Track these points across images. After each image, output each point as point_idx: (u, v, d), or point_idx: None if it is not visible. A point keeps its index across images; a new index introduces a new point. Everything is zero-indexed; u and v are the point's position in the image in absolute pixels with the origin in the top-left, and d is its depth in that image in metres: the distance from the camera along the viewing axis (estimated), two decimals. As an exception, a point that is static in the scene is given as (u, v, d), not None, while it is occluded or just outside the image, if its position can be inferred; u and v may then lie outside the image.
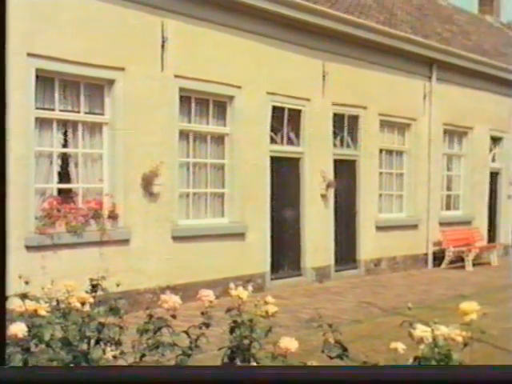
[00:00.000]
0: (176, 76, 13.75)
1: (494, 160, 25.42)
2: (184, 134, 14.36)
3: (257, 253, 15.58)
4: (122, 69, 12.74)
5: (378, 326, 11.40)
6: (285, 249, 16.61)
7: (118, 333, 4.18)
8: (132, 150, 12.93)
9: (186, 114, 14.43)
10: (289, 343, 3.51)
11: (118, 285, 4.42)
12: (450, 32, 25.33)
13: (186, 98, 14.25)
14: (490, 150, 25.12)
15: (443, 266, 21.24)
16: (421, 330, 3.38)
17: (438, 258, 21.40)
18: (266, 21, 15.42)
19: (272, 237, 16.07)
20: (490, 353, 9.72)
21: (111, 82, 12.78)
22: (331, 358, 3.59)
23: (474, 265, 21.39)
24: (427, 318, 3.66)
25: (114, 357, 4.12)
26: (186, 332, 4.03)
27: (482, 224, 24.22)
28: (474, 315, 3.44)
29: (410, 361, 3.36)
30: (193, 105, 14.53)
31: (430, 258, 21.35)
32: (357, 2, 20.13)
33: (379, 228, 19.40)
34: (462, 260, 21.37)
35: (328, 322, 3.65)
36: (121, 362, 4.10)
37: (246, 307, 3.84)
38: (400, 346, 3.47)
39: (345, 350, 3.60)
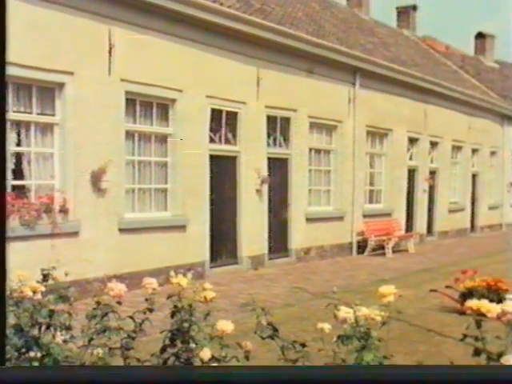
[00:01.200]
0: (122, 80, 13.62)
1: (411, 158, 25.82)
2: (130, 134, 14.24)
3: (197, 243, 15.54)
4: (72, 73, 12.56)
5: (307, 308, 11.46)
6: (223, 239, 16.61)
7: (68, 319, 4.12)
8: (81, 149, 12.77)
9: (132, 116, 14.31)
10: (225, 325, 3.51)
11: (66, 274, 4.36)
12: (372, 43, 25.62)
13: (131, 101, 14.13)
14: (408, 150, 25.52)
15: (366, 253, 21.50)
16: (344, 312, 3.40)
17: (362, 246, 21.65)
18: (205, 30, 15.38)
19: (211, 229, 16.05)
20: (407, 330, 9.90)
21: (61, 86, 12.59)
22: (263, 338, 3.59)
23: (393, 252, 21.71)
24: (351, 300, 3.69)
25: (64, 341, 4.07)
26: (131, 317, 4.00)
27: (400, 215, 24.60)
28: (392, 297, 3.48)
29: (334, 339, 3.39)
30: (138, 107, 14.41)
31: (355, 246, 21.59)
32: (288, 15, 20.22)
33: (309, 220, 19.53)
34: (383, 248, 21.67)
35: (261, 306, 3.66)
36: (70, 346, 4.05)
37: (187, 293, 3.83)
38: (326, 326, 3.49)
39: (275, 330, 3.61)
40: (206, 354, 3.47)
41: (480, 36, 39.83)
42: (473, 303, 3.33)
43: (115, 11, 13.39)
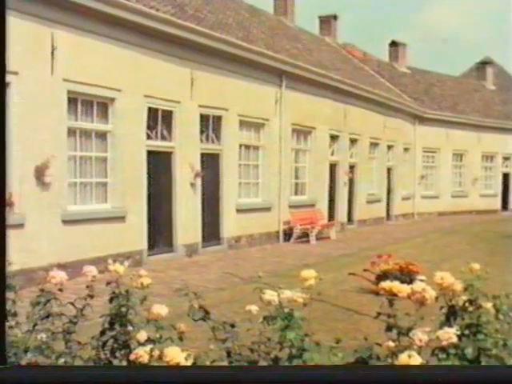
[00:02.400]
0: (64, 80, 13.39)
1: (332, 154, 26.10)
2: (72, 131, 14.01)
3: (135, 233, 15.43)
4: (16, 73, 12.27)
5: (238, 292, 11.50)
6: (160, 229, 16.51)
7: (13, 306, 4.05)
8: (25, 145, 12.50)
9: (74, 114, 14.07)
10: (159, 309, 3.50)
11: (10, 263, 4.27)
12: (297, 49, 25.76)
13: (73, 100, 13.90)
14: (329, 146, 25.79)
15: (292, 240, 21.67)
16: (269, 295, 3.43)
17: (288, 234, 21.81)
18: (142, 34, 15.26)
19: (149, 219, 15.94)
20: (328, 310, 10.02)
21: (6, 85, 12.28)
22: (195, 320, 3.60)
23: (316, 239, 21.94)
24: (278, 284, 3.71)
25: (10, 327, 3.99)
26: (72, 303, 3.96)
27: (323, 206, 24.87)
28: (312, 281, 3.52)
29: (261, 319, 3.41)
30: (79, 105, 14.19)
31: (281, 234, 21.73)
32: (220, 21, 20.17)
33: (239, 211, 19.56)
34: (307, 235, 21.87)
35: (194, 291, 3.66)
36: (16, 332, 3.98)
37: (125, 280, 3.81)
38: (253, 308, 3.51)
39: (207, 313, 3.61)
40: (142, 336, 3.45)
41: (393, 44, 40.46)
42: (385, 284, 3.40)
43: (58, 15, 13.14)
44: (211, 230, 18.50)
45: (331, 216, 25.66)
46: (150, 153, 15.97)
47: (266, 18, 27.75)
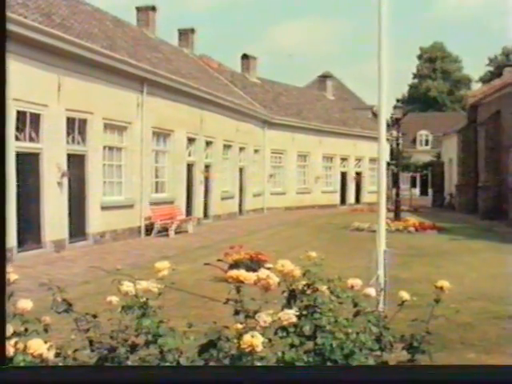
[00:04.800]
0: None
1: (189, 155, 26.13)
2: None
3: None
4: None
5: (102, 284, 11.24)
6: (29, 227, 15.86)
7: None
8: None
9: None
10: (24, 304, 3.41)
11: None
12: (157, 58, 25.59)
13: None
14: (187, 148, 25.81)
15: (153, 235, 21.50)
16: (126, 286, 3.42)
17: (149, 229, 21.63)
18: (11, 40, 14.43)
19: (18, 217, 15.27)
20: (185, 298, 10.05)
21: None
22: (58, 313, 3.52)
23: (175, 233, 21.92)
24: (139, 275, 3.71)
25: None
26: None
27: (181, 203, 24.86)
28: (166, 271, 3.54)
29: (119, 309, 3.40)
30: None
31: (143, 229, 21.51)
32: (85, 30, 19.68)
33: (104, 208, 19.19)
34: (167, 230, 21.79)
35: (61, 285, 3.59)
36: None
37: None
38: (114, 299, 3.49)
39: (70, 305, 3.55)
40: (8, 329, 3.34)
41: (245, 57, 41.07)
42: (233, 273, 3.48)
43: None
44: (78, 226, 18.02)
45: (189, 212, 25.67)
46: (18, 154, 15.30)
47: (129, 29, 27.35)
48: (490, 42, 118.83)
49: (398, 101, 37.82)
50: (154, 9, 30.73)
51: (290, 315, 3.39)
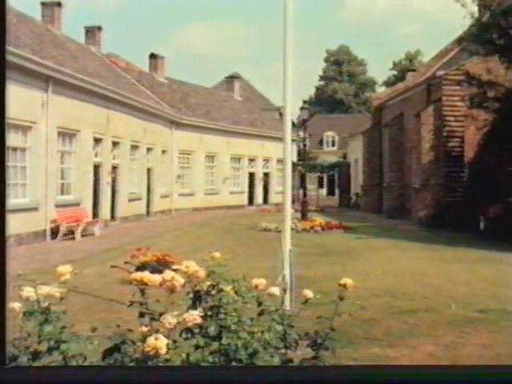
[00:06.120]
0: None
1: (96, 155, 25.66)
2: None
3: None
4: None
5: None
6: None
7: None
8: None
9: None
10: None
11: None
12: (63, 56, 24.99)
13: None
14: (94, 148, 25.33)
15: (58, 238, 20.96)
16: (27, 291, 3.34)
17: (55, 232, 21.07)
18: None
19: None
20: (92, 301, 9.85)
21: None
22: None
23: (82, 236, 21.47)
24: (43, 280, 3.63)
25: None
26: None
27: (88, 204, 24.36)
28: (68, 275, 3.48)
29: (21, 315, 3.31)
30: None
31: (48, 232, 20.92)
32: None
33: (7, 211, 18.50)
34: (73, 233, 21.31)
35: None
36: None
37: None
38: (16, 305, 3.40)
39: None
40: None
41: (153, 56, 40.73)
42: (137, 275, 3.46)
43: None
44: (-23, 229, 17.31)
45: (95, 214, 25.19)
46: None
47: (34, 25, 26.54)
48: (394, 46, 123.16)
49: (304, 102, 38.59)
50: (59, 5, 29.95)
51: (194, 316, 3.40)
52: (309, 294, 3.99)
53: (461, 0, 22.23)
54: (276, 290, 3.92)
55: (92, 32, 34.81)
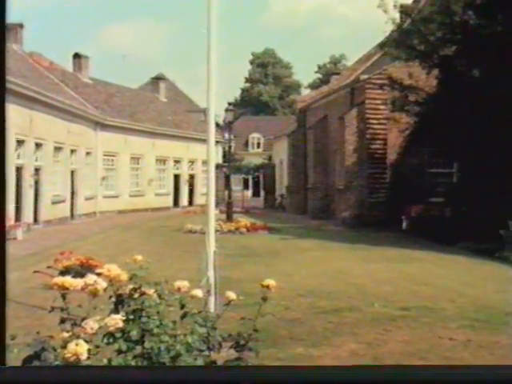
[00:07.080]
0: None
1: (18, 157, 24.98)
2: None
3: None
4: None
5: None
6: None
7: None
8: None
9: None
10: None
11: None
12: (-19, 54, 24.17)
13: None
14: (15, 150, 24.64)
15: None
16: None
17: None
18: None
19: None
20: (13, 308, 9.59)
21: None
22: None
23: (3, 240, 20.80)
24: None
25: None
26: None
27: (9, 208, 23.65)
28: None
29: None
30: None
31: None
32: None
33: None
34: (-7, 237, 20.63)
35: None
36: None
37: None
38: None
39: None
40: None
41: (77, 56, 39.97)
42: (58, 280, 3.41)
43: None
44: None
45: (18, 217, 24.50)
46: None
47: None
48: (319, 50, 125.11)
49: (230, 104, 38.70)
50: (-24, 2, 28.97)
51: (116, 320, 3.38)
52: (232, 295, 4.02)
53: (383, 6, 22.79)
54: (199, 292, 3.93)
55: (13, 29, 33.69)
